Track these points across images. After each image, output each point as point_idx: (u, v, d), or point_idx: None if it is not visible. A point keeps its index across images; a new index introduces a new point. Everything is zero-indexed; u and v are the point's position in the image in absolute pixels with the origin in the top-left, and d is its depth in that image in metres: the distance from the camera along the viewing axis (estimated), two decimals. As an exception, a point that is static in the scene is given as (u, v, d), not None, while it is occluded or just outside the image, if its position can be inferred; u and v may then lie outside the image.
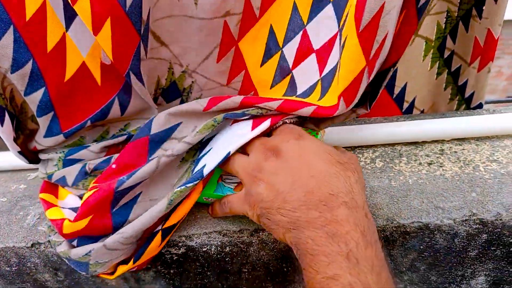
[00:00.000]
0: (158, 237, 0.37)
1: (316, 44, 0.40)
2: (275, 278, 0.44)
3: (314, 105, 0.35)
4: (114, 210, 0.36)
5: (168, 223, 0.37)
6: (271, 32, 0.41)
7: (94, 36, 0.32)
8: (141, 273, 0.44)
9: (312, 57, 0.40)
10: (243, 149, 0.37)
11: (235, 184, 0.40)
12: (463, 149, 0.47)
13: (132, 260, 0.38)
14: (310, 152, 0.31)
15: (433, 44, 0.45)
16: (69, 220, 0.37)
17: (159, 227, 0.38)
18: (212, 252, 0.41)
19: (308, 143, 0.32)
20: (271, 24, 0.41)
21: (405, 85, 0.49)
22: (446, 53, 0.46)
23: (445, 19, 0.44)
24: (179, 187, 0.35)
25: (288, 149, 0.32)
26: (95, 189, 0.36)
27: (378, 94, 0.37)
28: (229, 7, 0.40)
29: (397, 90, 0.50)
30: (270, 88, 0.44)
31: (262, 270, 0.43)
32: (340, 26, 0.37)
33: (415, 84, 0.49)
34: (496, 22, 0.41)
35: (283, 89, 0.44)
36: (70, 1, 0.31)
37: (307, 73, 0.41)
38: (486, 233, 0.40)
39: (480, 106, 0.50)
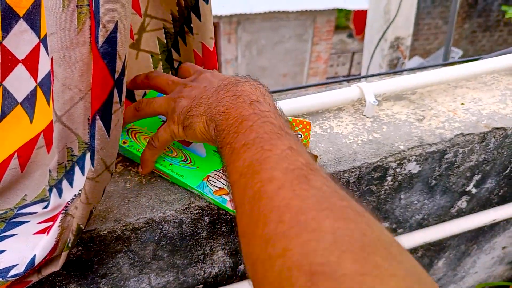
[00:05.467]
0: None
1: (20, 55, 0.40)
2: None
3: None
4: None
5: None
6: None
7: None
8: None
9: (20, 67, 0.41)
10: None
11: (217, 189, 0.43)
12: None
13: None
14: (217, 76, 0.41)
15: (160, 57, 0.49)
16: None
17: None
18: None
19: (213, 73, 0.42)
20: None
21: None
22: (176, 64, 0.51)
23: (164, 35, 0.48)
24: None
25: (200, 78, 0.41)
26: None
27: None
28: None
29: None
30: None
31: None
32: (43, 37, 0.39)
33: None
34: (207, 37, 0.47)
35: (-2, 101, 0.42)
36: None
37: (20, 81, 0.41)
38: (208, 216, 0.47)
39: None
